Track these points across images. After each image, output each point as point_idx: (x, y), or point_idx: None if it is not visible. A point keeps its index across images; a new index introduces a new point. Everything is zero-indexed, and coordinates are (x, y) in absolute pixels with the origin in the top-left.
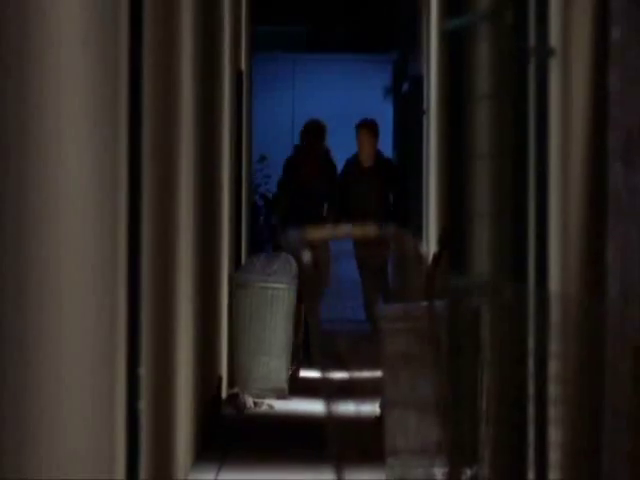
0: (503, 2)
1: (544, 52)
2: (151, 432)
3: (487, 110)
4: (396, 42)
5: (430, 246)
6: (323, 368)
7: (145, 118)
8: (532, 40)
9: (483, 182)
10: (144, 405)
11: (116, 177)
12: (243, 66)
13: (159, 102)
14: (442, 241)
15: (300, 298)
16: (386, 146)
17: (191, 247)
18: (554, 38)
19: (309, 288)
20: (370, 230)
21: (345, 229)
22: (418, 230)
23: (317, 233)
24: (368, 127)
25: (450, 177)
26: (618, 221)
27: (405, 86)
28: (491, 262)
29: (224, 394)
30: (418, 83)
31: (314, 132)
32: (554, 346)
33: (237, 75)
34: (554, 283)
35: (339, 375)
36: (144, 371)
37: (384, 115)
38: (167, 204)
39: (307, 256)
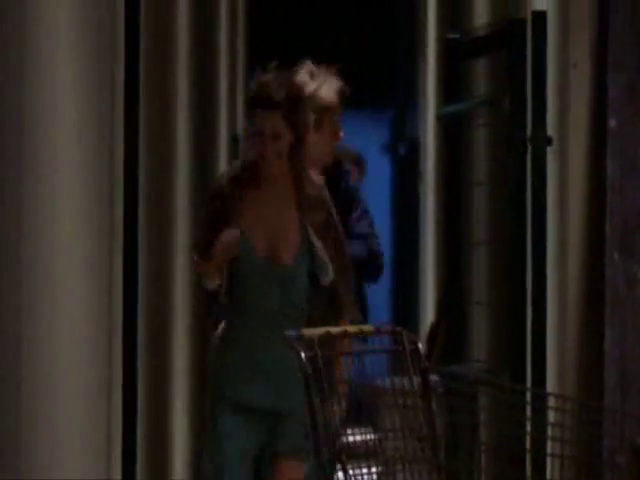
0: (500, 89)
1: (541, 140)
2: None
3: (484, 197)
4: (394, 100)
5: (426, 329)
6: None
7: (141, 193)
8: (529, 128)
9: (481, 269)
10: (139, 462)
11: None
12: (240, 129)
13: (155, 174)
14: (434, 330)
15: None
16: (383, 209)
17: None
18: (551, 126)
19: (308, 388)
20: (367, 328)
21: (342, 327)
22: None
23: (314, 332)
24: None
25: (447, 262)
26: (616, 310)
27: (402, 148)
28: (488, 352)
29: None
30: (415, 146)
31: None
32: (551, 446)
33: (233, 140)
34: (551, 373)
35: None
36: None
37: (381, 173)
38: (163, 271)
39: (305, 356)
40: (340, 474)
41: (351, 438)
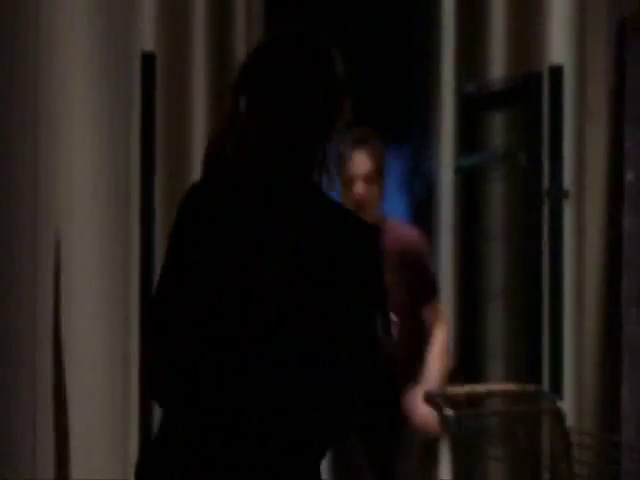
0: (517, 143)
1: (558, 194)
2: None
3: (501, 249)
4: (411, 137)
5: None
6: None
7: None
8: (546, 181)
9: (497, 322)
10: None
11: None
12: None
13: (172, 175)
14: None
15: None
16: None
17: None
18: (568, 179)
19: (456, 453)
20: (511, 387)
21: (486, 386)
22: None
23: (458, 390)
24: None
25: (463, 313)
26: (633, 364)
27: (418, 185)
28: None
29: None
30: (431, 189)
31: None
32: None
33: None
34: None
35: None
36: None
37: (399, 208)
38: None
39: (452, 417)
40: None
41: None
